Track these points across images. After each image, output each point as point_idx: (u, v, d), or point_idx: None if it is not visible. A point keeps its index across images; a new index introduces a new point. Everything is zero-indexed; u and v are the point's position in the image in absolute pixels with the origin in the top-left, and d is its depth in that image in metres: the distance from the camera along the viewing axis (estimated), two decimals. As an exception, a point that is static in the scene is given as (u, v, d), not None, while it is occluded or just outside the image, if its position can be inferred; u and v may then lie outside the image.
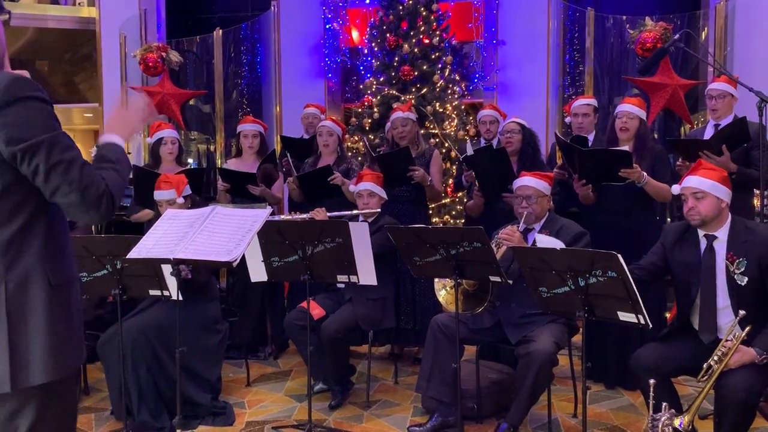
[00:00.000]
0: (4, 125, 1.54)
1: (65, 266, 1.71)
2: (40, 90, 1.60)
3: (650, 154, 3.80)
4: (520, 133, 4.24)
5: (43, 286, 1.62)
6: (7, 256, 1.60)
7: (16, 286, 1.60)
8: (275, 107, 7.06)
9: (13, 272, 1.60)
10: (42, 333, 1.61)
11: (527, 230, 3.40)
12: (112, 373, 3.42)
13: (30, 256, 1.62)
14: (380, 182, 4.01)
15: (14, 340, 1.58)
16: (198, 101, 7.33)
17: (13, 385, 1.58)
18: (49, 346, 1.61)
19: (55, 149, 1.58)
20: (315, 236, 3.16)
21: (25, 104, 1.56)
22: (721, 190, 2.82)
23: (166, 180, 3.72)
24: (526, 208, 3.40)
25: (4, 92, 1.53)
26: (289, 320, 3.79)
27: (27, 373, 1.59)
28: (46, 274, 1.63)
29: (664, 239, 3.03)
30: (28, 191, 1.62)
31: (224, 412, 3.58)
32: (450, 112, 6.04)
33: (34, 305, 1.61)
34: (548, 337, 3.09)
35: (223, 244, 2.56)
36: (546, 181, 3.46)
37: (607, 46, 6.31)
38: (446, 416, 3.31)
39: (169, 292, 3.24)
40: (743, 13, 5.78)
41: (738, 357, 2.63)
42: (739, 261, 2.78)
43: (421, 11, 6.12)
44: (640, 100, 4.02)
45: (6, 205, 1.60)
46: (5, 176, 1.58)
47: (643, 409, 3.41)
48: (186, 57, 7.03)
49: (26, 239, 1.63)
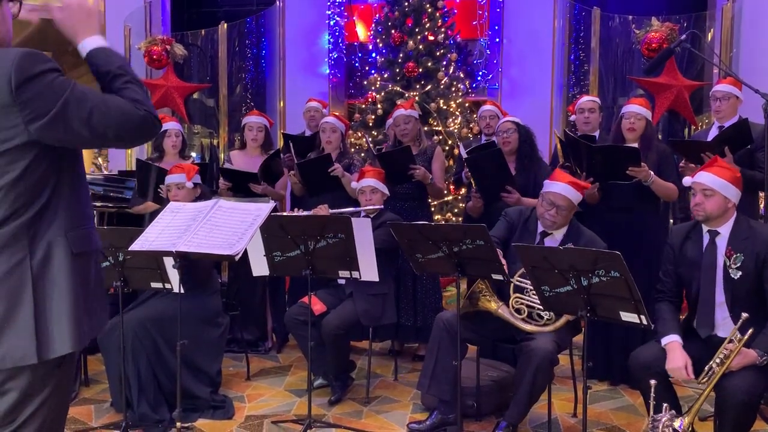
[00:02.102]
0: (26, 103, 1.53)
1: (87, 236, 1.71)
2: (51, 60, 1.60)
3: (656, 153, 3.80)
4: (516, 131, 4.20)
5: (65, 256, 1.63)
6: (31, 230, 1.60)
7: (40, 258, 1.60)
8: (279, 102, 7.06)
9: (37, 245, 1.60)
10: (65, 303, 1.61)
11: (545, 234, 3.33)
12: (112, 364, 3.42)
13: (54, 227, 1.63)
14: (382, 178, 4.01)
15: (39, 312, 1.59)
16: (202, 95, 7.33)
17: (39, 356, 1.58)
18: (72, 317, 1.62)
19: (82, 100, 1.58)
20: (317, 231, 3.16)
21: (41, 79, 1.55)
22: (731, 190, 2.82)
23: (179, 165, 3.86)
24: (554, 217, 3.23)
25: (18, 70, 1.52)
26: (289, 315, 3.79)
27: (51, 345, 1.60)
28: (68, 243, 1.64)
29: (672, 241, 3.03)
30: (48, 167, 1.62)
31: (224, 406, 3.58)
32: (454, 110, 6.04)
33: (57, 276, 1.62)
34: (549, 335, 3.08)
35: (225, 237, 2.56)
36: (580, 191, 3.28)
37: (612, 46, 6.29)
38: (446, 414, 3.30)
39: (171, 284, 3.24)
40: (750, 14, 5.77)
41: (739, 359, 2.63)
42: (736, 256, 2.79)
43: (426, 8, 6.12)
44: (646, 101, 4.02)
45: (29, 184, 1.60)
46: (26, 156, 1.58)
47: (643, 410, 3.41)
48: (190, 50, 7.03)
49: (50, 212, 1.63)
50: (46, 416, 1.65)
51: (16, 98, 1.52)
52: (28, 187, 1.60)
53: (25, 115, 1.54)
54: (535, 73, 6.57)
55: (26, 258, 1.59)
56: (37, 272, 1.60)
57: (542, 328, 3.10)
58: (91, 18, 1.76)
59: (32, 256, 1.60)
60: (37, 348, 1.58)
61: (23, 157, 1.58)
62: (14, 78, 1.52)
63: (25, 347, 1.58)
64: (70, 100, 1.57)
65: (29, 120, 1.54)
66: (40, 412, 1.64)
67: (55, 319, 1.60)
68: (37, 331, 1.58)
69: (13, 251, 1.58)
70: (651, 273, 3.78)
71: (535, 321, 3.13)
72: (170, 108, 6.57)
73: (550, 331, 3.07)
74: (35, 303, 1.58)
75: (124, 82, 1.69)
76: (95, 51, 1.74)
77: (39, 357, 1.58)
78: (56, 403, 1.69)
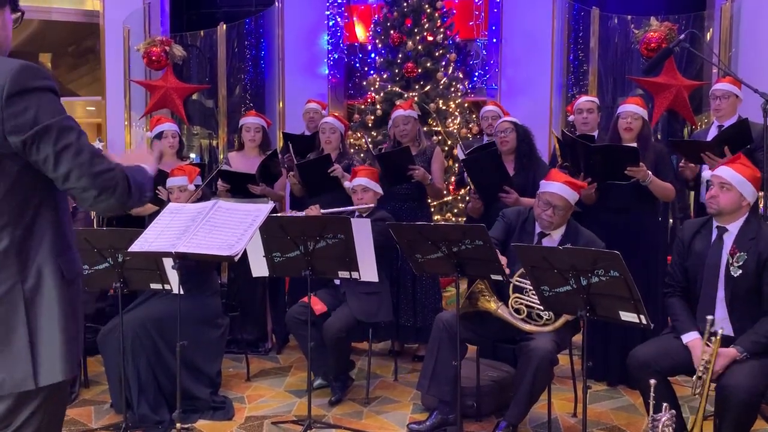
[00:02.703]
0: (12, 115, 1.51)
1: (74, 259, 1.70)
2: (49, 78, 1.58)
3: (653, 153, 3.80)
4: (513, 131, 4.20)
5: (57, 282, 1.61)
6: (21, 254, 1.58)
7: (33, 283, 1.58)
8: (278, 103, 7.06)
9: (28, 270, 1.58)
10: (58, 330, 1.60)
11: (542, 235, 3.34)
12: (112, 365, 3.42)
13: (42, 251, 1.61)
14: (375, 177, 4.01)
15: (34, 337, 1.57)
16: (201, 96, 7.33)
17: (36, 382, 1.57)
18: (65, 343, 1.60)
19: (64, 134, 1.55)
20: (317, 232, 3.16)
21: (35, 95, 1.53)
22: (748, 188, 2.83)
23: (180, 168, 3.88)
24: (551, 217, 3.23)
25: (13, 82, 1.51)
26: (290, 315, 3.79)
27: (47, 371, 1.58)
28: (60, 268, 1.62)
29: (682, 235, 3.05)
30: (32, 186, 1.60)
31: (224, 407, 3.58)
32: (453, 110, 6.04)
33: (50, 302, 1.60)
34: (548, 335, 3.08)
35: (224, 238, 2.56)
36: (577, 190, 3.28)
37: (611, 46, 6.29)
38: (446, 414, 3.30)
39: (170, 285, 3.24)
40: (749, 14, 5.77)
41: (721, 362, 2.68)
42: (740, 255, 2.81)
43: (425, 8, 6.12)
44: (642, 100, 4.02)
45: (14, 203, 1.57)
46: (10, 173, 1.56)
47: (643, 410, 3.41)
48: (189, 51, 7.02)
49: (37, 235, 1.61)
50: (41, 421, 1.64)
51: (4, 108, 1.50)
52: (15, 205, 1.57)
53: (8, 126, 1.51)
54: (534, 73, 6.57)
55: (18, 284, 1.57)
56: (29, 298, 1.58)
57: (542, 328, 3.10)
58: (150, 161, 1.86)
59: (24, 281, 1.58)
60: (33, 374, 1.57)
61: (9, 171, 1.55)
62: (7, 88, 1.50)
63: (23, 372, 1.56)
64: (53, 126, 1.54)
65: (9, 132, 1.52)
66: (35, 416, 1.63)
67: (48, 346, 1.59)
68: (33, 356, 1.57)
69: (4, 276, 1.56)
70: (649, 273, 3.79)
71: (534, 321, 3.13)
72: (169, 109, 6.57)
73: (549, 331, 3.07)
74: (29, 328, 1.57)
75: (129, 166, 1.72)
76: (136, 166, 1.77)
77: (36, 383, 1.57)
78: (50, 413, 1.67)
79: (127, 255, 3.05)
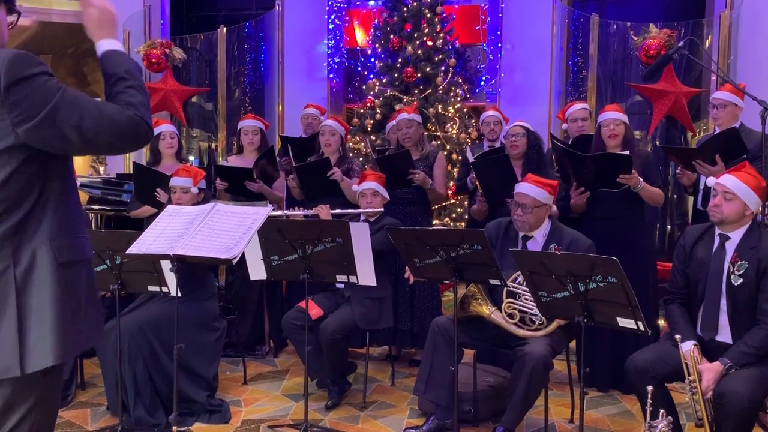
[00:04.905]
0: (15, 104, 1.52)
1: (75, 245, 1.68)
2: (42, 64, 1.58)
3: (639, 158, 3.79)
4: (525, 136, 4.21)
5: (49, 266, 1.60)
6: (15, 238, 1.58)
7: (25, 266, 1.58)
8: (278, 106, 7.06)
9: (22, 254, 1.58)
10: (48, 315, 1.58)
11: (526, 238, 3.36)
12: (108, 368, 3.42)
13: (39, 236, 1.60)
14: (383, 182, 4.02)
15: (23, 324, 1.56)
16: (200, 99, 7.32)
17: (22, 369, 1.55)
18: (56, 329, 1.58)
19: (72, 104, 1.56)
20: (315, 235, 3.16)
21: (31, 82, 1.54)
22: (752, 198, 2.82)
23: (185, 168, 3.85)
24: (520, 217, 3.29)
25: (8, 72, 1.51)
26: (287, 320, 3.79)
27: (34, 357, 1.57)
28: (53, 253, 1.61)
29: (684, 241, 3.04)
30: (34, 174, 1.60)
31: (220, 410, 3.57)
32: (452, 115, 6.04)
33: (41, 286, 1.58)
34: (543, 340, 3.08)
35: (223, 241, 2.56)
36: (547, 189, 3.31)
37: (610, 52, 6.29)
38: (443, 419, 3.30)
39: (168, 288, 3.23)
40: (748, 21, 5.78)
41: (708, 377, 2.67)
42: (741, 263, 2.80)
43: (425, 13, 6.13)
44: (619, 106, 4.02)
45: (14, 189, 1.58)
46: (13, 161, 1.56)
47: (640, 416, 3.41)
48: (189, 54, 7.02)
49: (35, 220, 1.61)
50: (33, 424, 1.63)
51: (5, 99, 1.51)
52: (13, 193, 1.58)
53: (14, 116, 1.52)
54: (533, 79, 6.57)
55: (10, 267, 1.57)
56: (21, 282, 1.57)
57: (534, 332, 3.10)
58: (114, 23, 1.79)
59: (16, 265, 1.57)
60: (20, 360, 1.55)
61: (9, 162, 1.56)
62: (4, 79, 1.51)
63: (8, 359, 1.55)
64: (60, 104, 1.55)
65: (17, 122, 1.53)
66: (26, 420, 1.62)
67: (38, 330, 1.57)
68: (21, 343, 1.55)
69: None
70: (639, 280, 3.77)
71: (527, 326, 3.13)
72: (169, 112, 6.57)
73: (542, 335, 3.07)
74: (18, 314, 1.56)
75: (126, 86, 1.69)
76: (110, 52, 1.74)
77: (22, 370, 1.55)
78: (43, 411, 1.66)
79: (125, 257, 3.04)
